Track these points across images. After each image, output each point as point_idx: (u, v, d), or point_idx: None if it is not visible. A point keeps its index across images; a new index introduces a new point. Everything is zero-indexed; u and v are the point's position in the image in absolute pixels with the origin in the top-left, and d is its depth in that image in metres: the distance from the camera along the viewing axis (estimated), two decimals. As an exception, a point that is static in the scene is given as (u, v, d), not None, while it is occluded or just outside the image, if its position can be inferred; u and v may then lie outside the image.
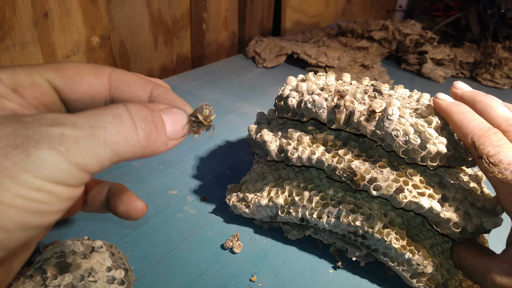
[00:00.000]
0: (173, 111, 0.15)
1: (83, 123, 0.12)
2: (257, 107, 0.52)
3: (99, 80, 0.16)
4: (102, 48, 0.54)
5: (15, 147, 0.11)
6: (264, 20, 0.84)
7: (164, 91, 0.16)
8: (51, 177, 0.11)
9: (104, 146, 0.12)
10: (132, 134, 0.13)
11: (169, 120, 0.15)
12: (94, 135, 0.12)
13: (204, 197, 0.34)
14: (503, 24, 0.79)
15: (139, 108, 0.14)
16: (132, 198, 0.18)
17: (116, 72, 0.16)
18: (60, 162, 0.11)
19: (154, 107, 0.14)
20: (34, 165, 0.11)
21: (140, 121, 0.13)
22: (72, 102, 0.16)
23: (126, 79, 0.16)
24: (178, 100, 0.16)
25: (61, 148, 0.11)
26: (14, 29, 0.43)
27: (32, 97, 0.14)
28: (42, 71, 0.15)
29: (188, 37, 0.69)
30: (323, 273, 0.27)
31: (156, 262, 0.27)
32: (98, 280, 0.23)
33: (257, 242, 0.30)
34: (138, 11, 0.58)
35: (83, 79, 0.16)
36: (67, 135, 0.12)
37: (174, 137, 0.15)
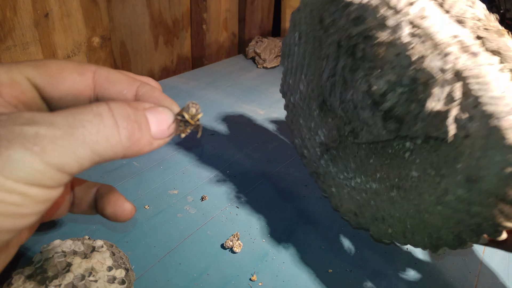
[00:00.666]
0: (159, 109, 0.14)
1: (61, 122, 0.12)
2: (257, 107, 0.52)
3: (82, 78, 0.15)
4: (102, 48, 0.54)
5: None
6: (264, 21, 0.84)
7: (150, 89, 0.16)
8: (24, 178, 0.11)
9: (83, 146, 0.12)
10: (113, 133, 0.12)
11: (154, 119, 0.14)
12: (72, 134, 0.12)
13: (204, 197, 0.34)
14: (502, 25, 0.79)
15: (121, 107, 0.13)
16: (120, 199, 0.18)
17: (100, 70, 0.16)
18: (34, 162, 0.11)
19: (138, 105, 0.14)
20: (6, 166, 0.11)
21: (122, 119, 0.13)
22: (55, 101, 0.15)
23: (111, 77, 0.16)
24: (165, 98, 0.16)
25: (35, 148, 0.11)
26: (15, 29, 0.43)
27: (10, 95, 0.14)
28: (21, 68, 0.14)
29: (189, 38, 0.69)
30: (323, 273, 0.27)
31: (156, 262, 0.27)
32: (98, 279, 0.23)
33: (257, 241, 0.30)
34: (138, 12, 0.58)
35: (65, 77, 0.15)
36: (43, 135, 0.11)
37: (160, 136, 0.14)
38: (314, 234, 0.31)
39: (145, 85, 0.16)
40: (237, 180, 0.37)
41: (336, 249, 0.29)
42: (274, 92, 0.57)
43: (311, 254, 0.29)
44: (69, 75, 0.15)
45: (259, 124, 0.48)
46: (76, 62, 0.16)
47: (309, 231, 0.31)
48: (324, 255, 0.29)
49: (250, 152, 0.42)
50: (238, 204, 0.34)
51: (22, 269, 0.23)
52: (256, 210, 0.33)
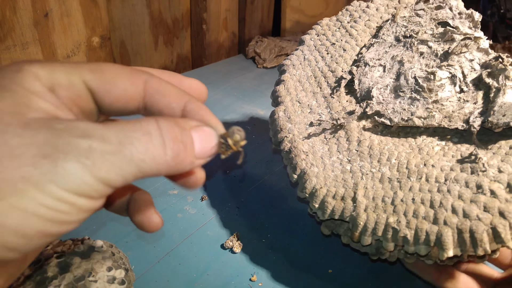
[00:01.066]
0: (204, 129, 0.15)
1: (112, 137, 0.12)
2: (257, 107, 0.52)
3: (134, 86, 0.16)
4: (102, 48, 0.54)
5: (44, 157, 0.11)
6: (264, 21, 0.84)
7: (198, 106, 0.16)
8: (75, 189, 0.12)
9: (130, 163, 0.12)
10: (160, 153, 0.13)
11: (198, 139, 0.14)
12: (121, 151, 0.12)
13: (204, 197, 0.34)
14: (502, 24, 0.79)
15: (170, 126, 0.13)
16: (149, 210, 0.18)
17: (152, 80, 0.16)
18: (85, 175, 0.12)
19: (185, 124, 0.14)
20: (60, 177, 0.11)
21: (170, 140, 0.13)
22: (106, 106, 0.16)
23: (161, 88, 0.16)
24: (211, 117, 0.16)
25: (87, 162, 0.12)
26: (15, 29, 0.43)
27: (66, 97, 0.14)
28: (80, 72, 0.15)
29: (188, 38, 0.69)
30: (323, 273, 0.27)
31: (156, 262, 0.27)
32: (98, 279, 0.23)
33: (257, 242, 0.30)
34: (138, 12, 0.58)
35: (118, 84, 0.15)
36: (95, 149, 0.12)
37: (202, 156, 0.15)
38: (314, 234, 0.31)
39: (193, 101, 0.16)
40: (237, 180, 0.37)
41: (336, 249, 0.29)
42: (274, 92, 0.57)
43: (311, 254, 0.29)
44: (121, 82, 0.15)
45: (259, 124, 0.48)
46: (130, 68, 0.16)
47: (309, 231, 0.31)
48: (324, 255, 0.29)
49: (250, 152, 0.42)
50: (238, 204, 0.34)
51: (22, 269, 0.23)
52: (256, 210, 0.33)
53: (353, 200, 0.24)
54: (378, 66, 0.30)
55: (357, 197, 0.23)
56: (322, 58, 0.33)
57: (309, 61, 0.33)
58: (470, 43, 0.28)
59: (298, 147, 0.27)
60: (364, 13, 0.35)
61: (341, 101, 0.29)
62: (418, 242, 0.21)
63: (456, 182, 0.22)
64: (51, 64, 0.14)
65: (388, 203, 0.23)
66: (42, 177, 0.11)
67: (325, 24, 0.37)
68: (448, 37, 0.29)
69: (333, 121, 0.28)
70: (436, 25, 0.31)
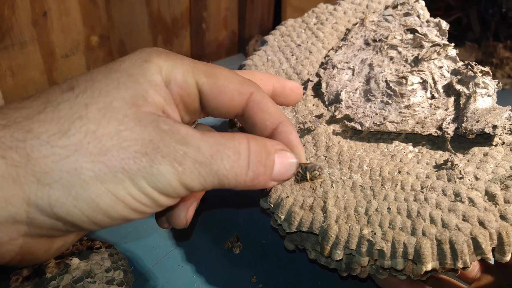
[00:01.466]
0: (287, 155, 0.16)
1: (206, 150, 0.13)
2: (257, 106, 0.52)
3: (240, 97, 0.17)
4: (101, 47, 0.54)
5: (144, 154, 0.13)
6: (264, 19, 0.83)
7: (289, 131, 0.17)
8: (160, 189, 0.13)
9: (214, 175, 0.14)
10: (242, 172, 0.14)
11: (279, 163, 0.16)
12: (210, 164, 0.13)
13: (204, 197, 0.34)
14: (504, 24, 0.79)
15: (259, 150, 0.15)
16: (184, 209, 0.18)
17: (257, 95, 0.17)
18: (173, 180, 0.13)
19: (272, 148, 0.15)
20: (152, 176, 0.13)
21: (255, 162, 0.14)
22: (209, 108, 0.17)
23: (263, 105, 0.17)
24: (297, 144, 0.17)
25: (179, 168, 0.13)
26: (13, 28, 0.43)
27: (178, 94, 0.15)
28: (196, 73, 0.16)
29: (188, 37, 0.69)
30: (324, 274, 0.27)
31: (155, 263, 0.27)
32: (97, 281, 0.23)
33: (257, 243, 0.29)
34: (137, 11, 0.58)
35: (227, 92, 0.16)
36: (189, 157, 0.13)
37: (277, 179, 0.16)
38: (314, 235, 0.31)
39: (286, 124, 0.17)
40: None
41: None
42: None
43: (311, 255, 0.29)
44: (230, 91, 0.16)
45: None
46: (241, 78, 0.17)
47: (309, 232, 0.31)
48: (324, 256, 0.29)
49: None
50: (238, 205, 0.33)
51: (20, 270, 0.23)
52: (256, 211, 0.33)
53: (323, 210, 0.21)
54: (346, 69, 0.29)
55: (327, 207, 0.21)
56: (287, 60, 0.32)
57: (272, 62, 0.32)
58: (439, 49, 0.28)
59: None
60: (331, 16, 0.35)
61: (307, 105, 0.28)
62: (395, 255, 0.20)
63: (433, 190, 0.21)
64: (174, 59, 0.15)
65: (361, 213, 0.21)
66: (138, 172, 0.13)
67: (290, 25, 0.36)
68: (417, 44, 0.29)
69: (299, 124, 0.27)
70: (405, 31, 0.30)
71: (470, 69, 0.26)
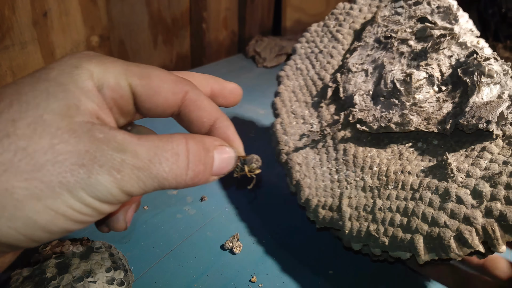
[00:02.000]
0: (226, 150, 0.16)
1: (144, 155, 0.13)
2: (257, 107, 0.52)
3: (175, 96, 0.16)
4: (101, 47, 0.54)
5: (81, 166, 0.12)
6: (264, 19, 0.83)
7: (226, 126, 0.17)
8: (100, 198, 0.13)
9: (154, 179, 0.14)
10: (182, 173, 0.14)
11: (218, 159, 0.16)
12: (149, 168, 0.13)
13: (204, 197, 0.34)
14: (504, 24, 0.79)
15: (197, 150, 0.15)
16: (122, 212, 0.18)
17: (192, 93, 0.17)
18: (112, 188, 0.13)
19: (210, 145, 0.15)
20: (91, 186, 0.13)
21: (194, 162, 0.14)
22: (144, 109, 0.17)
23: (199, 103, 0.17)
24: (235, 138, 0.17)
25: (118, 175, 0.13)
26: (13, 28, 0.43)
27: (111, 97, 0.15)
28: (128, 76, 0.15)
29: (188, 37, 0.69)
30: (323, 274, 0.27)
31: (155, 263, 0.27)
32: (97, 280, 0.23)
33: (257, 242, 0.29)
34: (137, 11, 0.58)
35: (161, 93, 0.16)
36: (127, 164, 0.13)
37: (217, 174, 0.16)
38: (314, 235, 0.31)
39: (223, 120, 0.17)
40: (237, 180, 0.37)
41: (337, 250, 0.29)
42: (274, 92, 0.57)
43: (312, 255, 0.29)
44: (164, 92, 0.16)
45: (259, 124, 0.48)
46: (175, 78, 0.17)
47: (309, 232, 0.31)
48: (325, 256, 0.29)
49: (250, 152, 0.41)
50: (238, 205, 0.33)
51: (21, 270, 0.23)
52: (256, 210, 0.33)
53: (338, 210, 0.24)
54: (360, 71, 0.30)
55: (342, 207, 0.24)
56: (312, 67, 0.33)
57: (301, 71, 0.33)
58: (445, 39, 0.27)
59: (293, 159, 0.28)
60: (348, 16, 0.35)
61: (330, 110, 0.29)
62: (396, 248, 0.22)
63: (428, 189, 0.22)
64: (105, 63, 0.15)
65: (368, 212, 0.24)
66: (76, 184, 0.12)
67: (314, 30, 0.37)
68: (427, 34, 0.29)
69: (320, 131, 0.28)
70: (415, 22, 0.30)
71: (474, 58, 0.25)
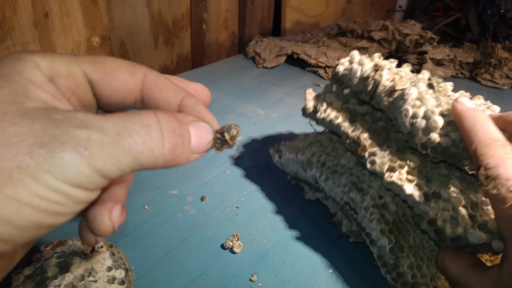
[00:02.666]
0: (201, 125, 0.15)
1: (111, 129, 0.12)
2: (257, 107, 0.52)
3: (133, 78, 0.16)
4: (102, 48, 0.54)
5: (41, 146, 0.11)
6: (264, 20, 0.84)
7: (194, 102, 0.16)
8: (71, 180, 0.11)
9: (128, 155, 0.12)
10: (158, 145, 0.13)
11: (195, 134, 0.14)
12: (119, 142, 0.12)
13: (204, 197, 0.34)
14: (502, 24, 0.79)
15: (169, 120, 0.13)
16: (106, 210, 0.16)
17: (151, 74, 0.16)
18: (82, 166, 0.11)
19: (183, 119, 0.14)
20: (57, 167, 0.11)
21: (168, 133, 0.13)
22: (104, 97, 0.16)
23: (160, 83, 0.16)
24: (207, 113, 0.16)
25: (85, 152, 0.11)
26: (15, 29, 0.43)
27: (66, 87, 0.14)
28: (80, 63, 0.15)
29: (188, 37, 0.69)
30: (323, 273, 0.27)
31: (156, 262, 0.27)
32: (98, 280, 0.23)
33: (257, 241, 0.30)
34: (138, 12, 0.58)
35: (118, 76, 0.15)
36: (93, 140, 0.12)
37: (197, 151, 0.15)
38: (314, 234, 0.31)
39: (190, 96, 0.16)
40: (237, 180, 0.37)
41: (337, 250, 0.29)
42: (274, 92, 0.57)
43: (312, 254, 0.29)
44: (121, 74, 0.15)
45: (259, 124, 0.48)
46: (130, 62, 0.16)
47: (309, 231, 0.31)
48: (324, 255, 0.29)
49: (250, 152, 0.42)
50: (238, 204, 0.33)
51: (22, 269, 0.23)
52: (256, 210, 0.33)
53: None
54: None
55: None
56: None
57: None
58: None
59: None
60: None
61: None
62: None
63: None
64: (52, 55, 0.14)
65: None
66: (38, 167, 0.11)
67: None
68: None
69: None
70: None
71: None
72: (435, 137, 0.23)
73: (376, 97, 0.26)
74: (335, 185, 0.28)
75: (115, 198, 0.16)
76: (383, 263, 0.25)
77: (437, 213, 0.23)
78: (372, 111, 0.29)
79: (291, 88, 0.59)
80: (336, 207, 0.29)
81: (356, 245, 0.30)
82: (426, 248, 0.25)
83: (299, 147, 0.32)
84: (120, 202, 0.16)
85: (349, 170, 0.28)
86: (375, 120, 0.28)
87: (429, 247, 0.25)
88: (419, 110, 0.23)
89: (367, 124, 0.28)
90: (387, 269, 0.24)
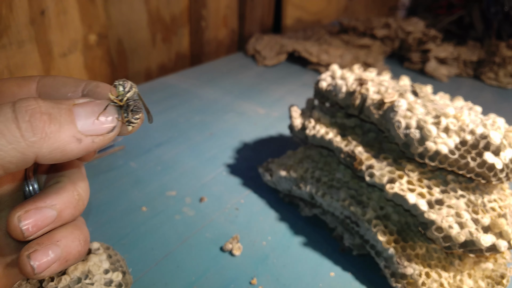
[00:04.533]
0: (92, 103, 0.13)
1: None
2: (257, 106, 0.52)
3: (22, 90, 0.15)
4: (99, 46, 0.54)
5: None
6: (265, 17, 0.83)
7: (94, 86, 0.15)
8: None
9: None
10: (10, 127, 0.11)
11: (83, 113, 0.13)
12: None
13: (203, 198, 0.33)
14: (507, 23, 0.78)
15: (26, 100, 0.12)
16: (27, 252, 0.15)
17: (45, 78, 0.15)
18: None
19: (63, 101, 0.13)
20: None
21: (24, 112, 0.12)
22: None
23: (56, 83, 0.15)
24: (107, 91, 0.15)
25: None
26: (11, 27, 0.42)
27: None
28: None
29: (187, 35, 0.68)
30: (324, 276, 0.27)
31: (154, 265, 0.27)
32: (95, 282, 0.23)
33: (257, 244, 0.29)
34: (136, 9, 0.57)
35: (5, 91, 0.15)
36: None
37: (92, 132, 0.13)
38: (315, 236, 0.30)
39: (90, 83, 0.15)
40: (237, 181, 0.36)
41: (339, 252, 0.29)
42: (275, 91, 0.57)
43: (313, 257, 0.28)
44: (8, 88, 0.15)
45: (259, 123, 0.47)
46: (21, 76, 0.16)
47: (310, 234, 0.31)
48: (326, 258, 0.28)
49: (250, 152, 0.41)
50: (237, 206, 0.33)
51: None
52: (256, 212, 0.32)
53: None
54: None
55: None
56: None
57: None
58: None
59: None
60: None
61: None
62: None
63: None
64: None
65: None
66: None
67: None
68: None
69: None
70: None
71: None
72: (431, 145, 0.23)
73: (365, 110, 0.27)
74: (333, 200, 0.27)
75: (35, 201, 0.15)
76: (392, 273, 0.24)
77: (442, 219, 0.23)
78: (361, 123, 0.29)
79: (292, 86, 0.59)
80: (336, 222, 0.29)
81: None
82: (432, 255, 0.25)
83: (290, 164, 0.32)
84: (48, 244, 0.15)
85: (346, 184, 0.28)
86: (365, 132, 0.28)
87: (435, 253, 0.25)
88: (411, 120, 0.24)
89: (359, 137, 0.28)
90: (396, 279, 0.24)
